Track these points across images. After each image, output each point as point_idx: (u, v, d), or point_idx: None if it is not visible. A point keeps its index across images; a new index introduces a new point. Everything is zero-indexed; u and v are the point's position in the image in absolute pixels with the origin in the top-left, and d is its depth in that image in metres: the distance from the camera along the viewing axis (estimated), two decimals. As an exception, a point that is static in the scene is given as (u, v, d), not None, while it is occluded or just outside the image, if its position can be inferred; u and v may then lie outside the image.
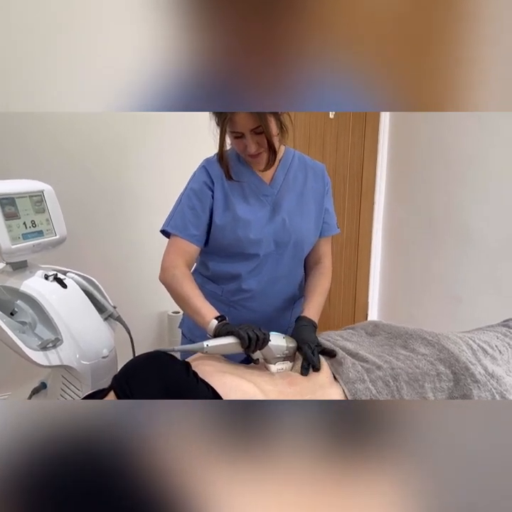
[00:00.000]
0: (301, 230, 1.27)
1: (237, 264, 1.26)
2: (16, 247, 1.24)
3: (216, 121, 1.13)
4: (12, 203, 1.25)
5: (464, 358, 1.05)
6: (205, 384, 0.85)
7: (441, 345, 1.08)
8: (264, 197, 1.26)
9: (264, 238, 1.24)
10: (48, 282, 1.30)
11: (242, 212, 1.22)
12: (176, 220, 1.23)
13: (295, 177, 1.30)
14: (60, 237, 1.40)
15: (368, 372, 1.00)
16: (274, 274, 1.28)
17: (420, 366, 1.02)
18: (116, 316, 1.45)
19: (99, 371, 1.30)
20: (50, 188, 1.39)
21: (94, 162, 2.18)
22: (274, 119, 1.12)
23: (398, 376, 0.99)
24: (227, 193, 1.23)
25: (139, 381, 0.82)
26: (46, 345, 1.20)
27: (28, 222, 1.29)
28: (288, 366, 1.07)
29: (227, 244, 1.24)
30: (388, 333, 1.17)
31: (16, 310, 1.25)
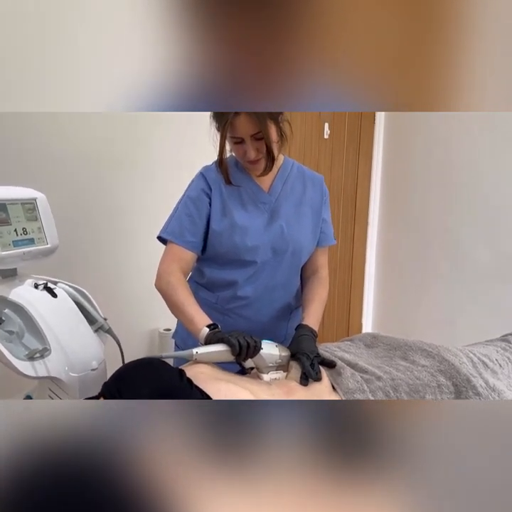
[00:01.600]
0: (299, 238, 1.26)
1: (234, 271, 1.24)
2: (6, 254, 1.21)
3: (216, 127, 1.13)
4: (3, 209, 1.23)
5: (465, 370, 1.03)
6: (199, 390, 0.82)
7: (441, 356, 1.06)
8: (262, 204, 1.25)
9: (261, 245, 1.22)
10: (38, 291, 1.27)
11: (239, 219, 1.21)
12: (173, 226, 1.22)
13: (293, 186, 1.30)
14: (52, 246, 1.37)
15: (367, 382, 0.97)
16: (270, 281, 1.26)
17: (421, 377, 1.00)
18: (107, 328, 1.41)
19: (87, 384, 1.25)
20: (43, 196, 1.36)
21: (88, 172, 2.16)
22: (275, 126, 1.12)
23: (399, 387, 0.97)
24: (224, 200, 1.23)
25: (130, 386, 0.78)
26: (33, 355, 1.16)
27: (19, 230, 1.26)
28: (281, 376, 1.04)
29: (224, 250, 1.22)
30: (387, 344, 1.14)
31: (3, 319, 1.20)
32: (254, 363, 1.02)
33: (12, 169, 1.98)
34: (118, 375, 0.81)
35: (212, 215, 1.22)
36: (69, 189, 2.11)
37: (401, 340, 1.14)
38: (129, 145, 2.24)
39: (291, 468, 0.59)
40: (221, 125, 1.10)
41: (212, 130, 1.16)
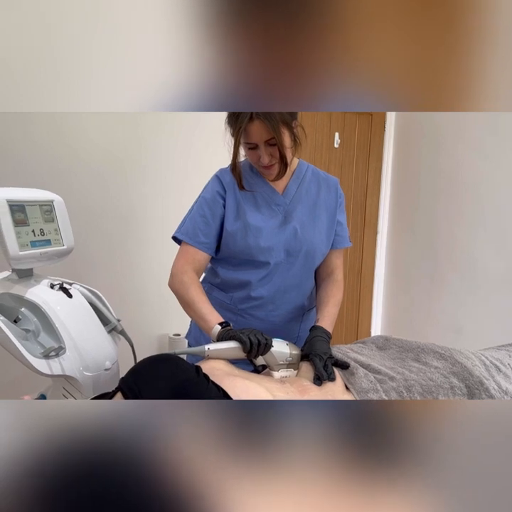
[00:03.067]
0: (313, 239, 1.27)
1: (248, 272, 1.25)
2: (24, 254, 1.23)
3: (231, 132, 1.15)
4: (22, 209, 1.25)
5: (478, 372, 1.03)
6: (215, 386, 0.83)
7: (454, 359, 1.06)
8: (276, 206, 1.27)
9: (274, 246, 1.23)
10: (54, 291, 1.29)
11: (253, 220, 1.22)
12: (187, 227, 1.24)
13: (308, 188, 1.31)
14: (68, 248, 1.39)
15: (380, 382, 0.97)
16: (284, 282, 1.27)
17: (434, 379, 1.00)
18: (120, 329, 1.43)
19: (100, 383, 1.26)
20: (60, 198, 1.39)
21: (106, 175, 2.20)
22: (288, 132, 1.14)
23: (412, 387, 0.97)
24: (239, 202, 1.25)
25: (148, 380, 0.79)
26: (49, 354, 1.17)
27: (36, 230, 1.29)
28: (292, 374, 1.05)
29: (238, 251, 1.24)
30: (399, 346, 1.15)
31: (19, 317, 1.23)
32: (264, 360, 1.03)
33: (29, 171, 2.01)
34: (136, 369, 0.82)
35: (226, 216, 1.24)
36: (85, 194, 2.14)
37: (413, 342, 1.15)
38: (141, 150, 2.28)
39: (313, 467, 0.59)
40: (235, 131, 1.12)
41: (227, 136, 1.18)
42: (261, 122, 1.09)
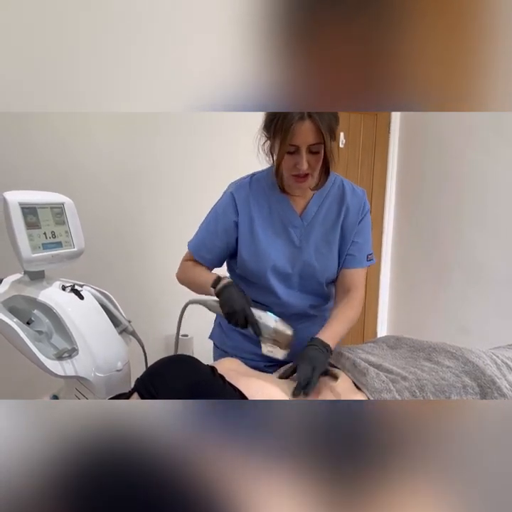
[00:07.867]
0: (327, 266, 1.24)
1: (260, 294, 1.25)
2: (36, 256, 1.24)
3: (273, 133, 1.08)
4: (34, 212, 1.26)
5: (490, 371, 1.03)
6: (231, 386, 0.84)
7: (465, 358, 1.06)
8: (293, 228, 1.23)
9: (287, 272, 1.22)
10: (65, 293, 1.30)
11: (265, 246, 1.20)
12: (195, 239, 1.28)
13: (329, 208, 1.25)
14: (78, 250, 1.40)
15: (393, 382, 0.98)
16: (295, 310, 1.26)
17: (446, 378, 1.00)
18: (131, 330, 1.44)
19: (112, 384, 1.27)
20: (70, 201, 1.40)
21: (114, 178, 2.21)
22: (332, 139, 1.09)
23: (424, 387, 0.97)
24: (253, 221, 1.22)
25: (164, 381, 0.80)
26: (62, 355, 1.18)
27: (48, 233, 1.30)
28: (278, 352, 1.06)
29: (250, 275, 1.24)
30: (411, 346, 1.15)
31: (32, 319, 1.24)
32: (250, 330, 1.08)
33: (40, 175, 2.03)
34: (152, 370, 0.83)
35: (239, 240, 1.22)
36: (96, 197, 2.16)
37: (424, 342, 1.15)
38: (156, 153, 2.30)
39: (328, 468, 0.59)
40: (282, 130, 1.04)
41: (260, 141, 1.14)
42: (311, 122, 1.03)
